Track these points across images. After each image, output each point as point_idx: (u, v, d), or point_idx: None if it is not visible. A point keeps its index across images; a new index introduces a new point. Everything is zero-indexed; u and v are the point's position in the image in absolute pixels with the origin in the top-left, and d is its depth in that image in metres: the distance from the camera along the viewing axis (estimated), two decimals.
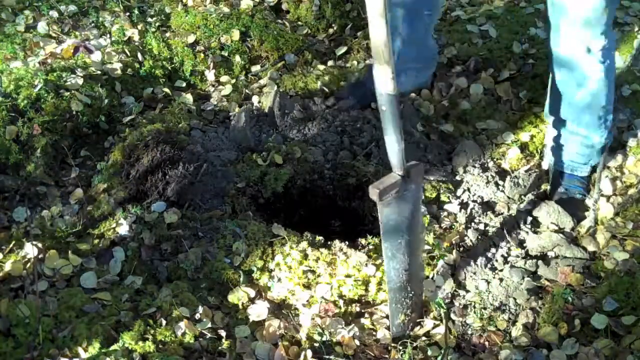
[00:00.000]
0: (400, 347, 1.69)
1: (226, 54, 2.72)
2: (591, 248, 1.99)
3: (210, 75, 2.68)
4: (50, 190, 2.14)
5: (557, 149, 2.22)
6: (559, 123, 2.17)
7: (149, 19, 2.82)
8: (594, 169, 2.25)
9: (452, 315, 1.82)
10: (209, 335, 1.68)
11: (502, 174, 2.26)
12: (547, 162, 2.29)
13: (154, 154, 2.06)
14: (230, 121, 2.43)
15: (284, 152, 2.22)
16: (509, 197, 2.18)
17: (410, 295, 1.70)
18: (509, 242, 2.03)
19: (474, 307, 1.84)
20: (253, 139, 2.32)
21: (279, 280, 1.85)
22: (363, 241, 2.00)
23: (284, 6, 3.01)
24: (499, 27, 2.86)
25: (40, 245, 1.85)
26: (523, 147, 2.37)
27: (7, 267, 1.77)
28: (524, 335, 1.75)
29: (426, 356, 1.69)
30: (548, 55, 2.08)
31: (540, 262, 1.96)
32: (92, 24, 2.73)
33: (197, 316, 1.71)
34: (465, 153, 2.33)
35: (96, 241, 1.96)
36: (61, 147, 2.23)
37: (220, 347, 1.65)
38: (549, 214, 2.08)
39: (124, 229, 1.96)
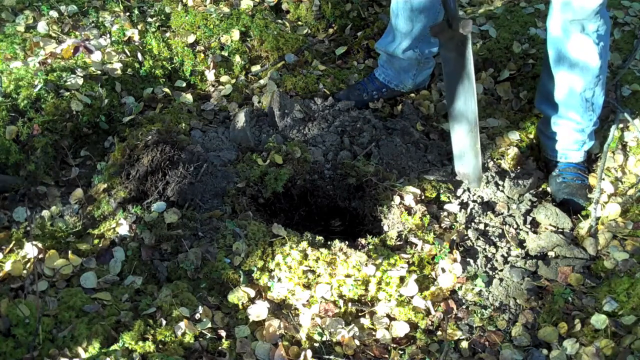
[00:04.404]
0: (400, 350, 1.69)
1: (226, 54, 2.72)
2: (591, 248, 1.99)
3: (210, 75, 2.68)
4: (50, 190, 2.14)
5: (550, 138, 2.23)
6: (550, 109, 2.18)
7: (149, 19, 2.82)
8: (588, 156, 2.27)
9: (453, 315, 1.82)
10: (209, 335, 1.68)
11: (502, 174, 2.26)
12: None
13: (154, 154, 2.06)
14: (230, 121, 2.43)
15: (284, 152, 2.22)
16: (508, 197, 2.18)
17: None
18: (509, 242, 2.03)
19: (474, 307, 1.85)
20: (253, 139, 2.32)
21: (279, 280, 1.85)
22: (363, 241, 2.00)
23: (284, 6, 3.01)
24: (499, 27, 2.86)
25: (40, 245, 1.85)
26: (523, 147, 2.37)
27: (7, 267, 1.77)
28: (524, 335, 1.75)
29: (426, 356, 1.69)
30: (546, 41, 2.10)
31: (540, 262, 1.96)
32: (92, 24, 2.73)
33: (197, 316, 1.71)
34: None
35: (96, 241, 1.96)
36: (61, 147, 2.23)
37: (220, 347, 1.65)
38: (547, 216, 2.08)
39: (124, 229, 1.96)
